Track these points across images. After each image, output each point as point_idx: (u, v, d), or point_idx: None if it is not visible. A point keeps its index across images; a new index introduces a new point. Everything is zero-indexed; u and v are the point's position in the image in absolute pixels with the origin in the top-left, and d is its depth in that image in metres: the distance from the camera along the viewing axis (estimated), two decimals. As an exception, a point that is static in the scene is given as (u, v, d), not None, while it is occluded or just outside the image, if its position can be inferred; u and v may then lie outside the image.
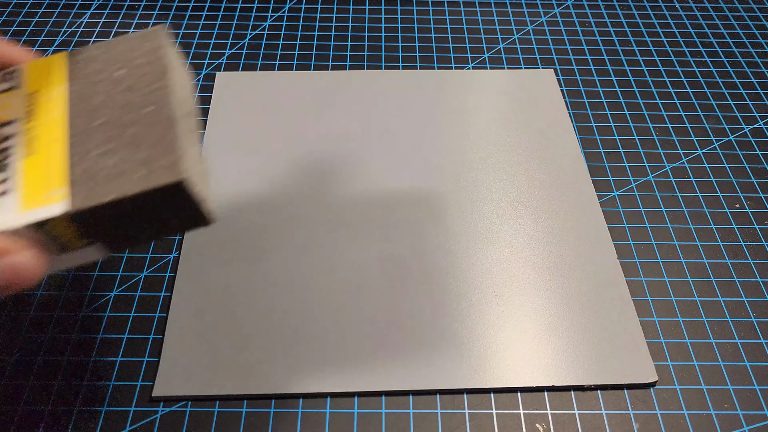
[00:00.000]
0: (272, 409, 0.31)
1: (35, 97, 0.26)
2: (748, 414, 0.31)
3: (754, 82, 0.48)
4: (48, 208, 0.23)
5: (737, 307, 0.35)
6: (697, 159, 0.42)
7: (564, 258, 0.36)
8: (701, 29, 0.53)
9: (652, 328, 0.34)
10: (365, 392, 0.31)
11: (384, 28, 0.52)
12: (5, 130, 0.25)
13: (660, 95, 0.47)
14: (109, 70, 0.26)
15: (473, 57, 0.50)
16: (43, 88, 0.26)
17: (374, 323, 0.33)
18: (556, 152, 0.42)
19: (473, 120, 0.44)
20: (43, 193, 0.23)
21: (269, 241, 0.37)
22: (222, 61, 0.49)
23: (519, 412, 0.31)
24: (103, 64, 0.27)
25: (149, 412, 0.30)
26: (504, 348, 0.32)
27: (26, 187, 0.24)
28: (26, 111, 0.26)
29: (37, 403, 0.31)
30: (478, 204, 0.39)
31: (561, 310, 0.34)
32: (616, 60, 0.50)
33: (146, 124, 0.25)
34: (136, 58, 0.27)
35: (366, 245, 0.36)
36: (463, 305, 0.34)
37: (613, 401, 0.31)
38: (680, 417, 0.31)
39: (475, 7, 0.55)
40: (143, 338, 0.33)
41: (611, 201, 0.40)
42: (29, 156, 0.24)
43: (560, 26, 0.53)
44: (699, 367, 0.33)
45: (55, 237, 0.24)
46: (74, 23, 0.52)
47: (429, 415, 0.31)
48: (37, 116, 0.26)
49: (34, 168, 0.24)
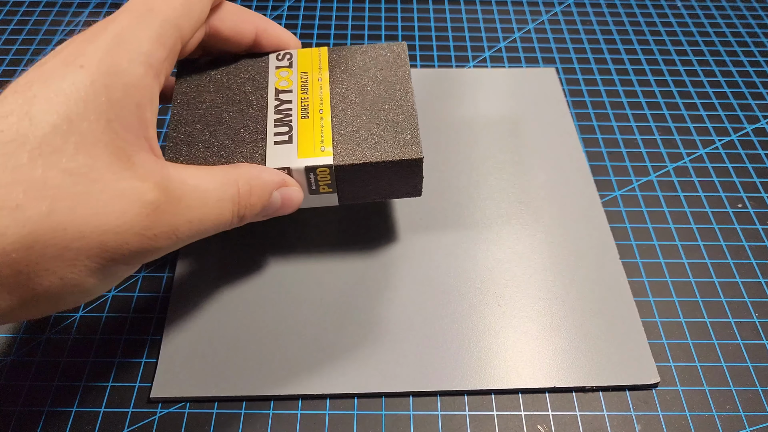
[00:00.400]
0: (271, 411, 0.30)
1: (305, 77, 0.34)
2: (750, 415, 0.31)
3: (757, 81, 0.48)
4: (319, 159, 0.31)
5: (740, 308, 0.35)
6: (699, 159, 0.42)
7: (565, 258, 0.36)
8: (703, 28, 0.53)
9: (654, 329, 0.34)
10: (365, 393, 0.31)
11: (384, 27, 0.52)
12: (284, 96, 0.33)
13: (662, 94, 0.47)
14: (363, 67, 0.35)
15: (474, 55, 0.49)
16: (310, 71, 0.34)
17: (374, 324, 0.33)
18: (558, 152, 0.42)
19: (474, 119, 0.44)
20: (315, 147, 0.31)
21: (268, 241, 0.36)
22: (221, 60, 0.49)
23: (520, 414, 0.30)
24: (358, 61, 0.35)
25: (147, 414, 0.30)
26: (505, 349, 0.32)
27: (301, 142, 0.32)
28: (300, 85, 0.34)
29: (34, 404, 0.30)
30: (478, 204, 0.39)
31: (562, 311, 0.34)
32: (617, 59, 0.50)
33: (394, 112, 0.33)
34: (385, 62, 0.35)
35: (365, 246, 0.36)
36: (464, 306, 0.34)
37: (614, 402, 0.31)
38: (682, 418, 0.30)
39: (476, 6, 0.54)
40: (141, 339, 0.33)
41: (613, 201, 0.40)
42: (303, 119, 0.32)
43: (562, 25, 0.53)
44: (701, 368, 0.32)
45: (312, 181, 0.31)
46: (72, 21, 0.52)
47: (429, 416, 0.30)
48: (308, 91, 0.34)
49: (307, 129, 0.32)
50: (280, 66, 0.35)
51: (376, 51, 0.36)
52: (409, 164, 0.32)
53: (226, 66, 0.35)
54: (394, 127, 0.32)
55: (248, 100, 0.33)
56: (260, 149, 0.32)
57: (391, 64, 0.35)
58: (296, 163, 0.31)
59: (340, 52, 0.35)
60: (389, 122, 0.33)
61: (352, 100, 0.33)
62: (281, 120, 0.32)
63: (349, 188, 0.33)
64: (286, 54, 0.35)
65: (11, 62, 0.48)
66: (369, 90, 0.34)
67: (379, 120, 0.33)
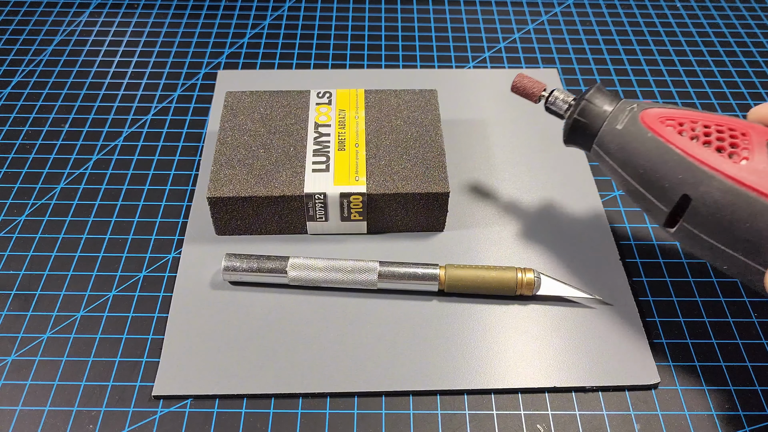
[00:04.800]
0: (272, 410, 0.30)
1: (343, 114, 0.38)
2: (749, 415, 0.31)
3: (756, 81, 0.48)
4: (353, 187, 0.34)
5: (739, 308, 0.35)
6: (698, 158, 0.42)
7: (566, 258, 0.36)
8: (702, 28, 0.53)
9: (654, 329, 0.34)
10: (365, 392, 0.31)
11: (384, 27, 0.52)
12: (323, 129, 0.37)
13: (661, 94, 0.47)
14: (396, 108, 0.39)
15: (474, 56, 0.49)
16: (348, 108, 0.38)
17: (374, 323, 0.33)
18: (558, 152, 0.42)
19: (474, 120, 0.44)
20: (350, 176, 0.35)
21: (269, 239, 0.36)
22: (221, 60, 0.49)
23: (520, 413, 0.30)
24: (392, 103, 0.39)
25: (148, 413, 0.30)
26: (505, 349, 0.32)
27: (337, 171, 0.35)
28: (338, 121, 0.38)
29: (35, 403, 0.30)
30: (478, 203, 0.39)
31: (563, 311, 0.34)
32: (617, 59, 0.50)
33: (424, 150, 0.36)
34: (417, 105, 0.39)
35: (366, 244, 0.36)
36: (464, 305, 0.34)
37: (614, 402, 0.31)
38: (682, 418, 0.31)
39: (476, 6, 0.54)
40: (142, 338, 0.33)
41: (613, 201, 0.40)
42: (340, 151, 0.36)
43: (561, 25, 0.53)
44: (700, 367, 0.32)
45: (345, 208, 0.35)
46: (73, 22, 0.52)
47: (429, 416, 0.30)
48: (346, 126, 0.37)
49: (343, 160, 0.36)
50: (320, 102, 0.39)
51: (409, 95, 0.40)
52: (436, 197, 0.35)
53: (270, 99, 0.39)
54: (424, 163, 0.36)
55: (289, 131, 0.37)
56: (299, 175, 0.35)
57: (423, 108, 0.39)
58: (332, 189, 0.34)
59: (375, 94, 0.39)
60: (419, 159, 0.36)
61: (386, 137, 0.37)
62: (320, 151, 0.36)
63: (379, 217, 0.36)
64: (326, 92, 0.39)
65: (11, 62, 0.48)
66: (401, 129, 0.37)
67: (410, 156, 0.36)
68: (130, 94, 0.46)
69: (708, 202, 0.27)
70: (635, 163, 0.29)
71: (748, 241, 0.27)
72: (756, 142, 0.27)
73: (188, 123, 0.44)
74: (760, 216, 0.26)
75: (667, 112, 0.29)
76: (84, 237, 0.37)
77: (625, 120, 0.30)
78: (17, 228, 0.38)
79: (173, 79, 0.47)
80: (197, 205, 0.38)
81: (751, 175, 0.26)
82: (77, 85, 0.47)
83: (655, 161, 0.29)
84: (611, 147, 0.30)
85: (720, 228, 0.27)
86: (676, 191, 0.28)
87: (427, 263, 0.34)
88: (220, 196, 0.34)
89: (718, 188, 0.27)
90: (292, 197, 0.34)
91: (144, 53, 0.49)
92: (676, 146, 0.28)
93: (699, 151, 0.28)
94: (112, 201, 0.39)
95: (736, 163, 0.27)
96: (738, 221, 0.27)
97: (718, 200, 0.27)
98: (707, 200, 0.27)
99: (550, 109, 0.34)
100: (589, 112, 0.31)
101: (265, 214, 0.35)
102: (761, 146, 0.27)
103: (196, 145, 0.42)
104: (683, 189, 0.28)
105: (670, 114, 0.29)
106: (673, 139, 0.28)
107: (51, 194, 0.39)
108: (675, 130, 0.29)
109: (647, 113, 0.30)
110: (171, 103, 0.45)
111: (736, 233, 0.27)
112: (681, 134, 0.29)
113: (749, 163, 0.27)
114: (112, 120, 0.44)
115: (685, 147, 0.28)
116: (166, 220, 0.38)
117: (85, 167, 0.41)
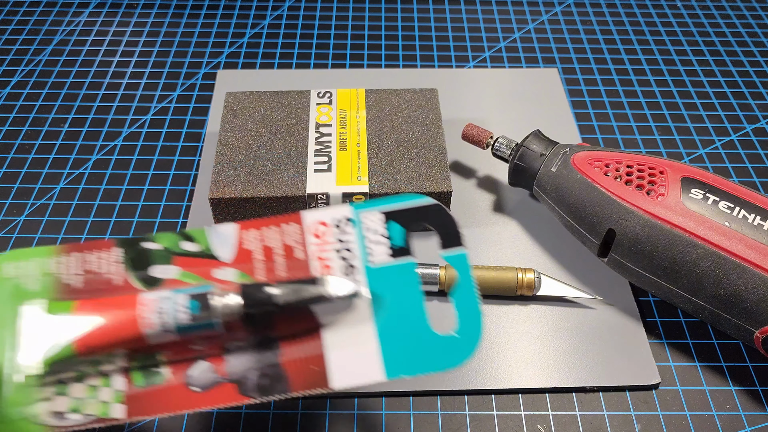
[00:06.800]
0: (272, 410, 0.30)
1: (344, 113, 0.38)
2: (750, 415, 0.31)
3: (756, 81, 0.48)
4: (356, 187, 0.34)
5: (740, 308, 0.35)
6: (699, 158, 0.42)
7: (565, 258, 0.36)
8: (703, 27, 0.53)
9: (654, 329, 0.34)
10: (365, 393, 0.31)
11: (384, 27, 0.52)
12: (324, 129, 0.37)
13: (662, 94, 0.47)
14: (397, 108, 0.39)
15: (474, 56, 0.49)
16: (348, 108, 0.38)
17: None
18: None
19: (474, 119, 0.44)
20: (352, 176, 0.35)
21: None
22: (221, 60, 0.49)
23: (520, 414, 0.30)
24: (392, 102, 0.39)
25: None
26: (505, 349, 0.32)
27: (339, 171, 0.35)
28: (339, 121, 0.38)
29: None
30: (478, 203, 0.39)
31: (563, 311, 0.34)
32: (617, 59, 0.50)
33: (426, 150, 0.36)
34: (417, 105, 0.39)
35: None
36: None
37: (614, 402, 0.31)
38: (682, 418, 0.30)
39: (476, 5, 0.54)
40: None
41: (613, 200, 0.40)
42: (341, 151, 0.36)
43: (562, 25, 0.53)
44: (701, 367, 0.32)
45: None
46: (72, 22, 0.52)
47: (429, 416, 0.30)
48: (347, 126, 0.37)
49: (345, 160, 0.36)
50: (320, 102, 0.39)
51: (410, 95, 0.39)
52: (438, 196, 0.35)
53: (270, 99, 0.39)
54: (426, 162, 0.36)
55: (290, 132, 0.37)
56: (301, 175, 0.35)
57: (424, 107, 0.39)
58: (334, 190, 0.34)
59: (376, 94, 0.39)
60: (421, 158, 0.36)
61: (387, 137, 0.37)
62: (321, 151, 0.36)
63: None
64: (326, 92, 0.39)
65: (11, 62, 0.48)
66: (403, 128, 0.37)
67: (412, 156, 0.36)
68: (129, 94, 0.46)
69: (630, 235, 0.31)
70: (568, 201, 0.33)
71: (666, 268, 0.30)
72: (671, 179, 0.31)
73: (188, 123, 0.44)
74: (674, 246, 0.30)
75: (595, 155, 0.33)
76: (84, 237, 0.37)
77: (558, 163, 0.34)
78: (17, 228, 0.38)
79: (173, 78, 0.47)
80: (197, 206, 0.38)
81: (666, 210, 0.30)
82: (77, 85, 0.47)
83: (584, 199, 0.32)
84: (547, 187, 0.34)
85: (642, 257, 0.31)
86: (603, 225, 0.32)
87: (427, 263, 0.34)
88: (222, 197, 0.34)
89: (637, 222, 0.31)
90: (295, 198, 0.34)
91: (143, 53, 0.49)
92: (601, 185, 0.32)
93: (621, 190, 0.31)
94: (111, 201, 0.39)
95: (653, 200, 0.31)
96: (656, 251, 0.30)
97: (638, 233, 0.31)
98: (629, 233, 0.31)
99: (496, 154, 0.37)
100: (528, 157, 0.35)
101: (267, 215, 0.35)
102: (675, 183, 0.31)
103: (196, 145, 0.42)
104: (609, 224, 0.32)
105: (598, 156, 0.33)
106: (599, 179, 0.32)
107: (50, 194, 0.39)
108: (601, 170, 0.33)
109: (577, 156, 0.34)
110: (170, 102, 0.45)
111: (655, 261, 0.30)
112: (606, 174, 0.32)
113: (664, 198, 0.31)
114: (111, 120, 0.44)
115: (608, 186, 0.32)
116: (165, 220, 0.38)
117: (85, 167, 0.41)
